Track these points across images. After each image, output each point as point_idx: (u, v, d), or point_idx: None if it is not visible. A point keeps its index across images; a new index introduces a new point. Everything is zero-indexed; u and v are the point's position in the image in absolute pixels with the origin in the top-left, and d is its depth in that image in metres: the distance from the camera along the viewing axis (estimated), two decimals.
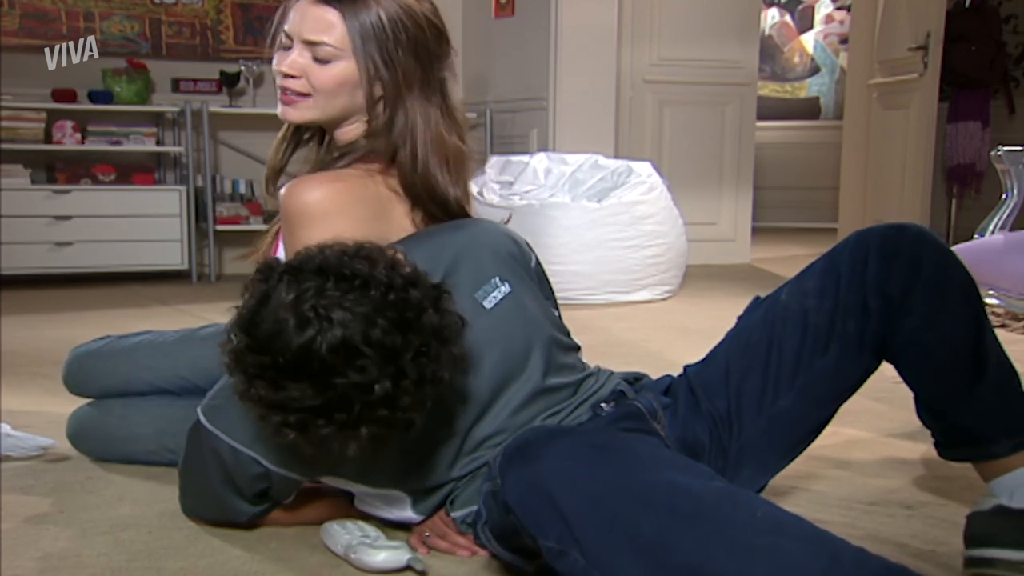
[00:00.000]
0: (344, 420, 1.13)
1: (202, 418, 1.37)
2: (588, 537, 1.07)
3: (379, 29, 1.43)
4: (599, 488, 1.08)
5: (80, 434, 1.84)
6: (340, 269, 1.15)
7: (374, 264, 1.17)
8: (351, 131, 1.51)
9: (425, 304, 1.17)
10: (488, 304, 1.39)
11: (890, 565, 1.02)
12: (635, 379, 1.54)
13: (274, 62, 1.51)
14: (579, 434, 1.23)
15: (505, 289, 1.41)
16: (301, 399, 1.12)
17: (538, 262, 1.54)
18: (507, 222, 1.60)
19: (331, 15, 1.43)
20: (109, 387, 1.82)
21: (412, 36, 1.46)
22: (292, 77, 1.46)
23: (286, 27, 1.47)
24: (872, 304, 1.32)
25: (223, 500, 1.42)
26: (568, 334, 1.53)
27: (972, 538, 1.30)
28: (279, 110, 1.51)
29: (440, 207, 1.49)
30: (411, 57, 1.46)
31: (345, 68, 1.45)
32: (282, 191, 1.44)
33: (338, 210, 1.39)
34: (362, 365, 1.11)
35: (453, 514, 1.39)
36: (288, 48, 1.48)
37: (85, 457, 1.85)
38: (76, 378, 1.85)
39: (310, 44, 1.44)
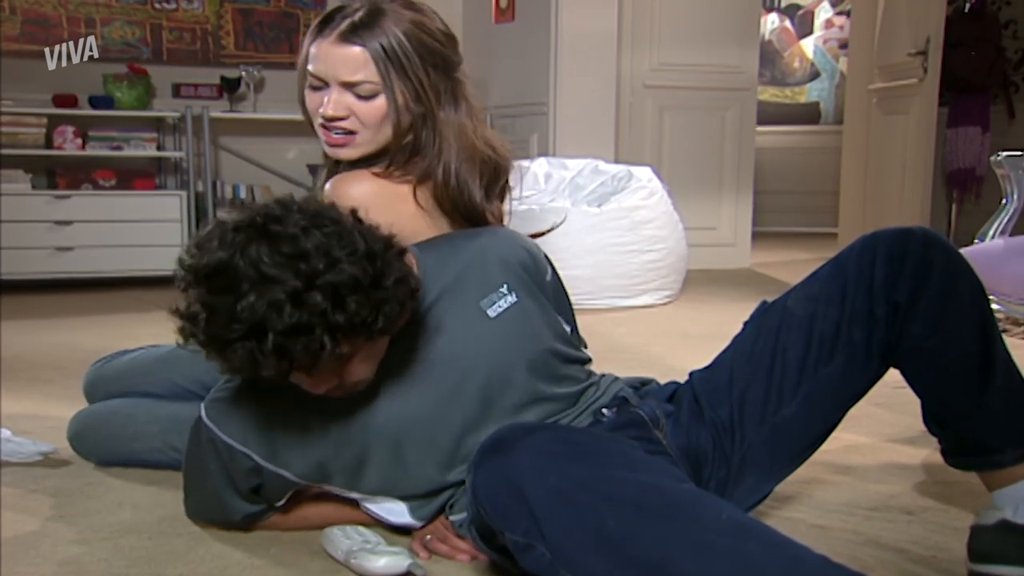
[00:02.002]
0: (251, 322, 1.11)
1: (202, 412, 1.38)
2: (553, 530, 1.08)
3: (404, 53, 1.44)
4: (567, 482, 1.09)
5: (82, 434, 1.84)
6: (294, 201, 1.20)
7: (337, 211, 1.21)
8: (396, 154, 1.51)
9: (369, 237, 1.18)
10: (492, 313, 1.39)
11: (852, 572, 1.02)
12: (641, 384, 1.53)
13: (307, 102, 1.50)
14: (553, 430, 1.23)
15: (511, 299, 1.41)
16: (214, 297, 1.14)
17: (555, 275, 1.53)
18: (560, 224, 1.61)
19: (357, 51, 1.43)
20: (113, 395, 1.86)
21: (434, 51, 1.47)
22: (340, 119, 1.46)
23: (312, 69, 1.46)
24: (879, 311, 1.31)
25: (221, 496, 1.43)
26: (576, 346, 1.52)
27: (976, 553, 1.30)
28: (329, 151, 1.51)
29: (472, 222, 1.51)
30: (437, 72, 1.48)
31: (396, 99, 1.45)
32: (327, 185, 1.47)
33: (379, 205, 1.41)
34: (276, 263, 1.12)
35: (452, 518, 1.39)
36: (318, 88, 1.47)
37: (85, 463, 1.85)
38: (89, 389, 1.93)
39: (349, 85, 1.44)
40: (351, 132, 1.48)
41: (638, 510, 1.06)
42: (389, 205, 1.43)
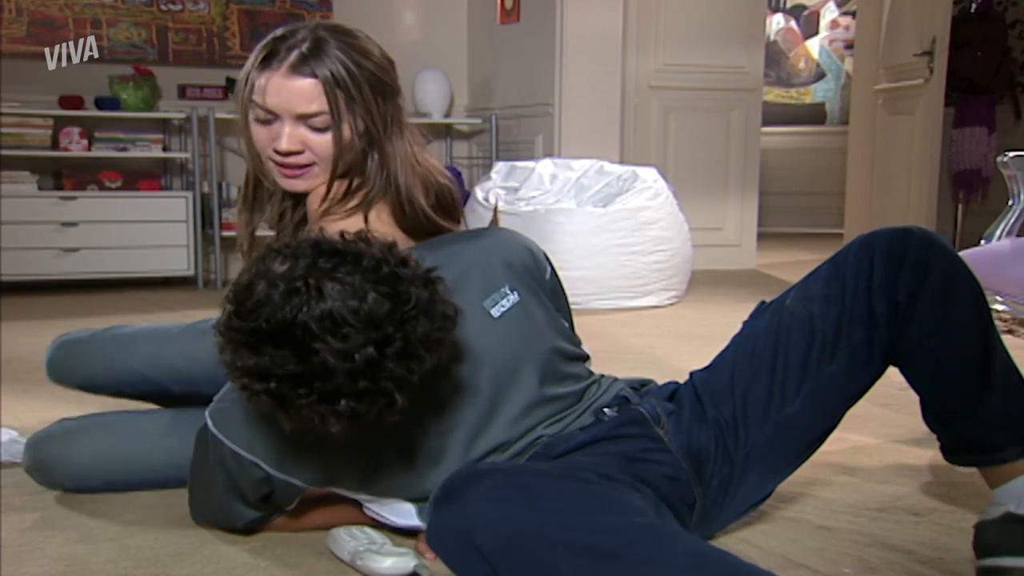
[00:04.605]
0: (324, 390, 1.11)
1: (209, 421, 1.37)
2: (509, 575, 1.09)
3: (354, 82, 1.42)
4: (519, 530, 1.10)
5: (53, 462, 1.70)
6: (334, 245, 1.17)
7: (370, 245, 1.19)
8: (341, 184, 1.50)
9: (416, 280, 1.17)
10: (496, 313, 1.39)
11: None
12: (641, 385, 1.54)
13: (254, 136, 1.48)
14: (503, 474, 1.23)
15: (514, 298, 1.41)
16: (282, 365, 1.11)
17: (554, 274, 1.54)
18: (496, 215, 1.61)
19: (310, 82, 1.41)
20: (97, 376, 1.74)
21: (381, 79, 1.46)
22: (295, 153, 1.45)
23: (261, 102, 1.44)
24: (879, 310, 1.31)
25: (227, 504, 1.43)
26: (577, 344, 1.53)
27: (982, 547, 1.30)
28: (284, 183, 1.50)
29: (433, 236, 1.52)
30: (385, 99, 1.47)
31: (341, 130, 1.44)
32: (315, 231, 1.46)
33: None
34: (345, 333, 1.10)
35: None
36: (267, 122, 1.46)
37: None
38: (63, 364, 1.77)
39: (304, 117, 1.43)
40: (308, 165, 1.47)
41: (592, 554, 1.06)
42: None
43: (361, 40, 1.47)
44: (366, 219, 1.46)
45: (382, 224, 1.47)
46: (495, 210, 1.78)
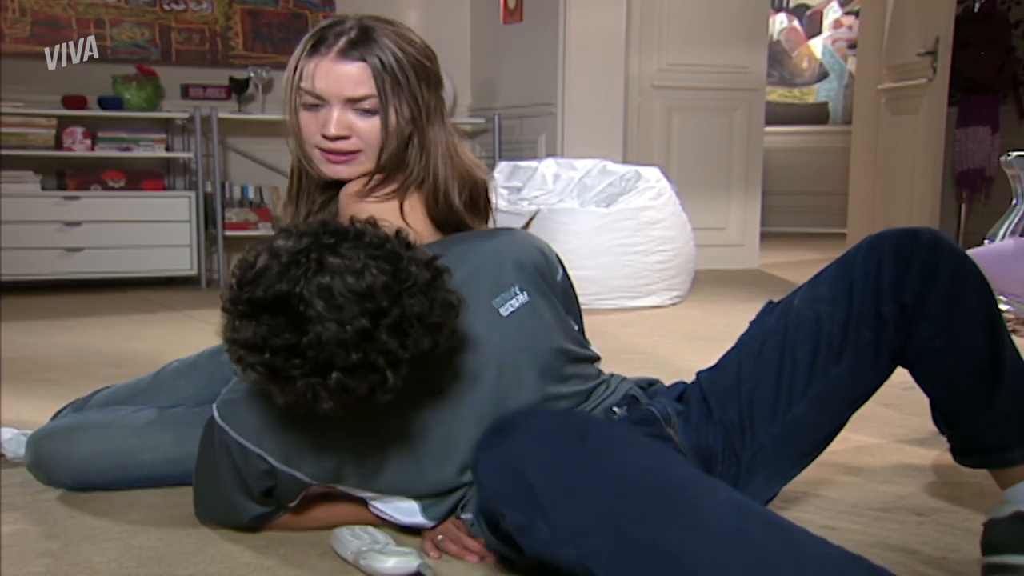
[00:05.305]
0: (316, 360, 1.12)
1: (215, 413, 1.38)
2: (554, 505, 1.09)
3: (400, 68, 1.45)
4: (567, 460, 1.11)
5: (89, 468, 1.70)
6: (339, 225, 1.18)
7: (376, 227, 1.20)
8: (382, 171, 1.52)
9: (419, 263, 1.18)
10: (504, 312, 1.39)
11: (850, 554, 1.04)
12: (648, 385, 1.54)
13: (302, 123, 1.49)
14: (554, 415, 1.25)
15: (523, 298, 1.41)
16: (278, 334, 1.11)
17: (565, 276, 1.54)
18: (532, 220, 1.62)
19: (359, 66, 1.44)
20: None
21: (426, 67, 1.49)
22: (342, 138, 1.46)
23: (309, 87, 1.46)
24: (887, 312, 1.31)
25: (232, 497, 1.43)
26: (585, 345, 1.53)
27: (989, 545, 1.29)
28: (327, 170, 1.50)
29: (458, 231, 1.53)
30: (429, 87, 1.49)
31: (388, 115, 1.46)
32: (344, 189, 1.50)
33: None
34: (340, 304, 1.11)
35: (463, 517, 1.39)
36: (315, 107, 1.47)
37: None
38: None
39: (353, 101, 1.45)
40: (354, 151, 1.48)
41: (638, 489, 1.08)
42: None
43: (405, 30, 1.50)
44: (401, 206, 1.47)
45: (414, 212, 1.48)
46: (531, 219, 1.79)
